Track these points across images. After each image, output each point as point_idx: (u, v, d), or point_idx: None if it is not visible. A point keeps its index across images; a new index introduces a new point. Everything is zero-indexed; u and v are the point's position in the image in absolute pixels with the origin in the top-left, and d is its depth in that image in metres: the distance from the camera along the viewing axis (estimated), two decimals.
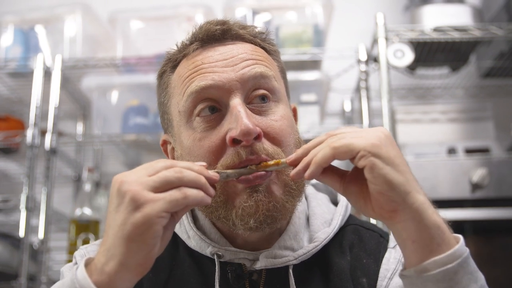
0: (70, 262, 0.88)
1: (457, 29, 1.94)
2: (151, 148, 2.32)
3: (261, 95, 0.81)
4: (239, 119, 0.75)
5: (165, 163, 0.66)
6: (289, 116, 0.84)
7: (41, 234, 1.89)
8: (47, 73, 2.05)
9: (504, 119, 2.21)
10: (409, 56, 1.87)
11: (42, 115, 2.01)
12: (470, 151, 2.00)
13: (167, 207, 0.63)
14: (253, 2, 2.17)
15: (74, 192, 2.36)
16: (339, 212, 0.90)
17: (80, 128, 2.47)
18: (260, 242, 0.83)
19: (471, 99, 2.36)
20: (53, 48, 2.22)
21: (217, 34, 0.84)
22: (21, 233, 1.86)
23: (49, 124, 2.01)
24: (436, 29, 1.94)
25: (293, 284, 0.80)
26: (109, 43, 2.33)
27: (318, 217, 0.88)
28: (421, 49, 2.04)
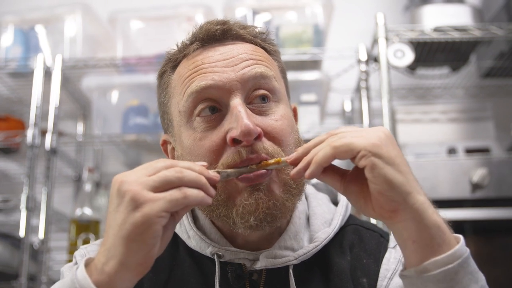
0: (70, 262, 0.88)
1: (457, 29, 1.94)
2: (151, 148, 2.32)
3: (261, 95, 0.81)
4: (239, 119, 0.75)
5: (165, 163, 0.65)
6: (289, 116, 0.84)
7: (41, 234, 1.89)
8: (47, 73, 2.05)
9: (504, 119, 2.21)
10: (409, 56, 1.87)
11: (42, 115, 2.01)
12: (470, 151, 2.00)
13: (167, 207, 0.62)
14: (253, 2, 2.17)
15: (75, 192, 2.36)
16: (339, 212, 0.90)
17: (80, 128, 2.47)
18: (260, 242, 0.83)
19: (471, 99, 2.36)
20: (53, 48, 2.22)
21: (218, 34, 0.84)
22: (22, 233, 1.86)
23: (49, 124, 2.01)
24: (436, 29, 1.94)
25: (293, 284, 0.80)
26: (109, 43, 2.33)
27: (318, 217, 0.88)
28: (421, 49, 2.04)
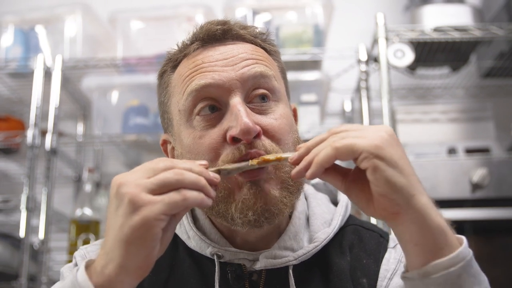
0: (70, 263, 0.88)
1: (457, 29, 1.94)
2: (151, 148, 2.32)
3: (261, 95, 0.81)
4: (239, 118, 0.76)
5: (165, 164, 0.65)
6: (288, 116, 0.84)
7: (41, 234, 1.89)
8: (48, 73, 2.05)
9: (504, 119, 2.21)
10: (409, 56, 1.87)
11: (43, 115, 2.01)
12: (470, 151, 2.00)
13: (166, 210, 0.62)
14: (253, 2, 2.17)
15: (75, 192, 2.36)
16: (339, 212, 0.90)
17: (80, 128, 2.47)
18: (259, 242, 0.83)
19: (471, 99, 2.36)
20: (53, 48, 2.22)
21: (218, 34, 0.84)
22: (22, 233, 1.86)
23: (50, 125, 2.01)
24: (436, 29, 1.94)
25: (293, 284, 0.80)
26: (109, 43, 2.33)
27: (318, 217, 0.88)
28: (421, 49, 2.04)
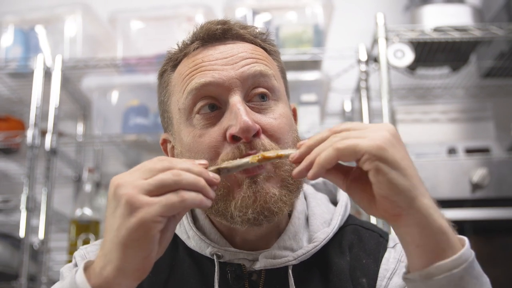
0: (70, 263, 0.88)
1: (457, 29, 1.94)
2: (151, 148, 2.32)
3: (261, 94, 0.82)
4: (238, 116, 0.76)
5: (163, 164, 0.64)
6: (288, 115, 0.84)
7: (41, 234, 1.89)
8: (47, 73, 2.05)
9: (504, 119, 2.21)
10: (409, 56, 1.87)
11: (43, 115, 2.01)
12: (470, 151, 2.00)
13: (163, 211, 0.61)
14: (253, 2, 2.17)
15: (75, 192, 2.36)
16: (339, 212, 0.90)
17: (80, 128, 2.47)
18: (259, 241, 0.83)
19: (471, 99, 2.36)
20: (53, 48, 2.22)
21: (218, 33, 0.84)
22: (22, 233, 1.86)
23: (49, 125, 2.01)
24: (436, 29, 1.94)
25: (293, 284, 0.80)
26: (109, 43, 2.33)
27: (317, 217, 0.88)
28: (421, 49, 2.04)
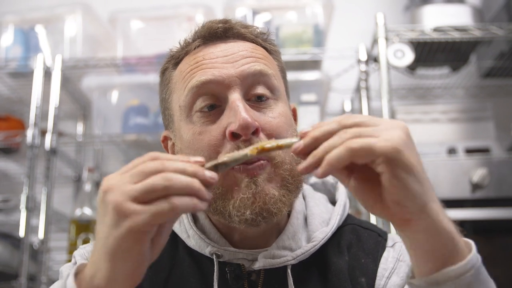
0: (69, 262, 0.88)
1: (457, 29, 1.94)
2: (151, 148, 2.31)
3: (260, 93, 0.82)
4: (237, 113, 0.76)
5: (154, 165, 0.60)
6: (287, 114, 0.84)
7: (41, 234, 1.89)
8: (47, 73, 2.05)
9: (504, 119, 2.21)
10: (409, 56, 1.87)
11: (42, 115, 2.01)
12: (470, 151, 2.00)
13: (152, 220, 0.57)
14: (253, 2, 2.17)
15: (74, 192, 2.36)
16: (337, 211, 0.90)
17: (80, 128, 2.47)
18: (258, 239, 0.83)
19: (471, 99, 2.36)
20: (53, 48, 2.22)
21: (219, 31, 0.85)
22: (21, 233, 1.86)
23: (49, 124, 2.01)
24: (436, 29, 1.94)
25: (292, 284, 0.80)
26: (109, 43, 2.33)
27: (316, 217, 0.88)
28: (421, 49, 2.04)
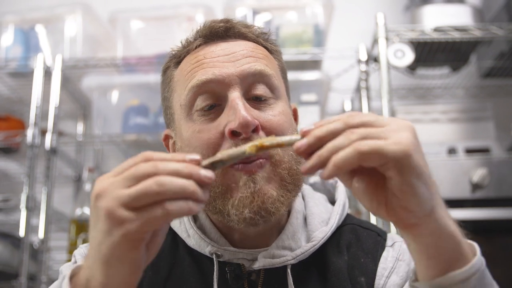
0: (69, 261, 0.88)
1: (458, 29, 1.94)
2: (151, 148, 2.30)
3: (260, 93, 0.82)
4: (237, 111, 0.76)
5: (146, 168, 0.57)
6: (287, 113, 0.84)
7: (41, 233, 1.89)
8: (48, 73, 2.05)
9: (504, 119, 2.21)
10: (409, 56, 1.87)
11: (43, 115, 2.01)
12: (470, 151, 2.00)
13: (144, 228, 0.56)
14: (254, 2, 2.17)
15: (75, 192, 2.36)
16: (336, 211, 0.90)
17: (80, 128, 2.47)
18: (258, 238, 0.83)
19: (472, 99, 2.36)
20: (54, 48, 2.22)
21: (220, 31, 0.85)
22: (22, 232, 1.86)
23: (50, 124, 2.01)
24: (437, 29, 1.94)
25: (291, 284, 0.80)
26: (110, 43, 2.33)
27: (315, 217, 0.88)
28: (421, 49, 2.04)
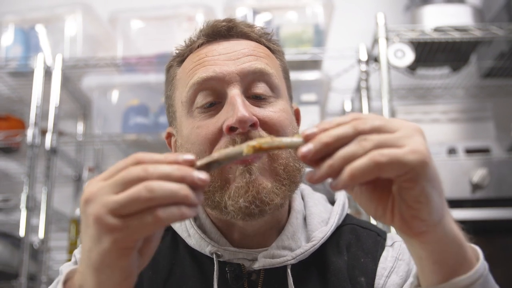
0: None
1: (458, 29, 1.94)
2: (151, 148, 2.32)
3: (260, 92, 0.83)
4: (235, 108, 0.77)
5: (136, 172, 0.54)
6: (288, 111, 0.85)
7: (41, 233, 1.89)
8: (48, 73, 2.05)
9: (504, 119, 2.21)
10: (409, 56, 1.87)
11: (43, 114, 2.01)
12: (470, 151, 2.00)
13: (134, 236, 0.54)
14: (254, 2, 2.17)
15: (75, 191, 2.37)
16: (336, 211, 0.90)
17: (80, 127, 2.47)
18: (258, 239, 0.84)
19: (472, 99, 2.36)
20: (54, 48, 2.22)
21: (223, 30, 0.86)
22: (22, 232, 1.86)
23: (50, 124, 2.01)
24: (437, 29, 1.94)
25: (291, 284, 0.80)
26: (110, 43, 2.33)
27: (315, 217, 0.88)
28: (421, 49, 2.04)
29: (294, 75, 2.01)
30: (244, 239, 0.84)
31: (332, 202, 0.94)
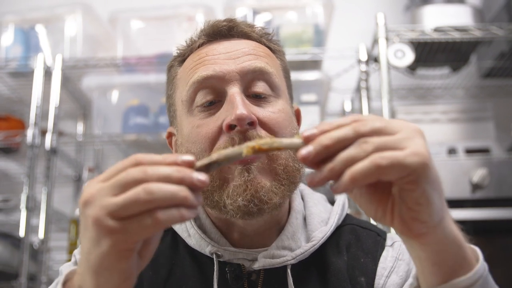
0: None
1: (458, 29, 1.94)
2: (151, 148, 2.32)
3: (259, 91, 0.83)
4: (234, 106, 0.77)
5: (135, 174, 0.54)
6: (288, 112, 0.85)
7: (41, 234, 1.89)
8: (48, 73, 2.05)
9: (504, 119, 2.21)
10: (409, 56, 1.87)
11: (43, 114, 2.01)
12: (470, 151, 2.00)
13: (133, 238, 0.54)
14: (254, 2, 2.17)
15: (75, 192, 2.36)
16: (336, 211, 0.90)
17: (80, 127, 2.47)
18: (258, 239, 0.84)
19: (472, 99, 2.36)
20: (54, 48, 2.22)
21: (224, 29, 0.86)
22: (22, 232, 1.86)
23: (50, 124, 2.01)
24: (437, 29, 1.94)
25: (291, 284, 0.80)
26: (110, 43, 2.33)
27: (315, 217, 0.88)
28: (421, 49, 2.04)
29: (294, 75, 2.00)
30: (244, 239, 0.84)
31: (332, 202, 0.94)
